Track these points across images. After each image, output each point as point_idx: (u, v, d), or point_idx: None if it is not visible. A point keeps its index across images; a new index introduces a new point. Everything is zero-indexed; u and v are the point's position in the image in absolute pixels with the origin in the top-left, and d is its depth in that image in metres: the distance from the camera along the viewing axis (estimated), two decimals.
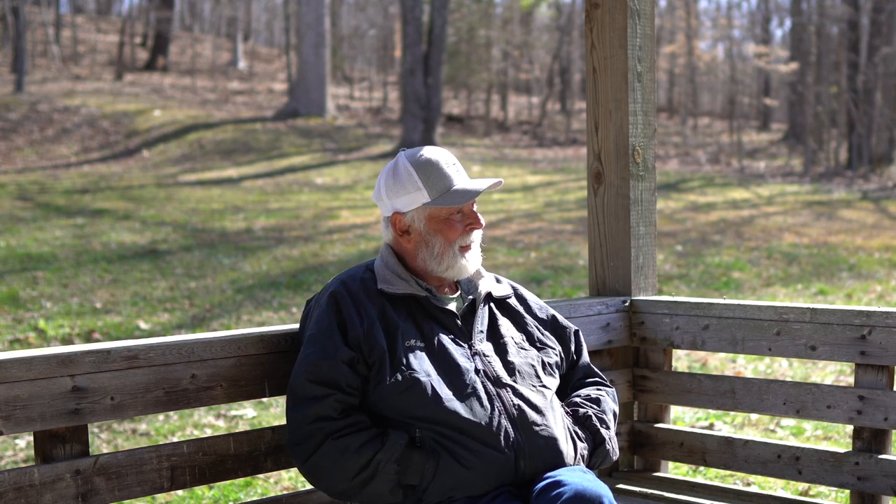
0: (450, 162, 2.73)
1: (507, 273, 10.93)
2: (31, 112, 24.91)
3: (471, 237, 2.73)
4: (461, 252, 2.71)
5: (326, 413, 2.53)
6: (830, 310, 3.22)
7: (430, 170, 2.69)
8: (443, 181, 2.69)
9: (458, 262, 2.70)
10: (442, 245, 2.70)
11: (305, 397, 2.55)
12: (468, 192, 2.68)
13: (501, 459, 2.52)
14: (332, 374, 2.55)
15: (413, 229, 2.72)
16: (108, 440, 5.75)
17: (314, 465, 2.53)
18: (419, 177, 2.68)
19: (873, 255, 12.68)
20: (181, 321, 8.95)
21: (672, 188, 18.94)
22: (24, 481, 2.41)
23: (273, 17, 47.78)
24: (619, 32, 3.59)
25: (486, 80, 30.49)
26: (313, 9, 24.70)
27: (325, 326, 2.62)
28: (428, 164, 2.70)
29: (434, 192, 2.68)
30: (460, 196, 2.68)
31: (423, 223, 2.70)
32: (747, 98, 32.77)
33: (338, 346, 2.58)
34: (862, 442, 3.17)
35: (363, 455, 2.49)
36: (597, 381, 2.91)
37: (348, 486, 2.51)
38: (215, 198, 16.84)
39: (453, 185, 2.70)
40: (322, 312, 2.65)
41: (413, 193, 2.68)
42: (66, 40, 36.74)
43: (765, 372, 7.17)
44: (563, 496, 2.37)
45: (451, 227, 2.70)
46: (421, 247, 2.71)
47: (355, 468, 2.49)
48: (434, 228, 2.70)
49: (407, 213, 2.71)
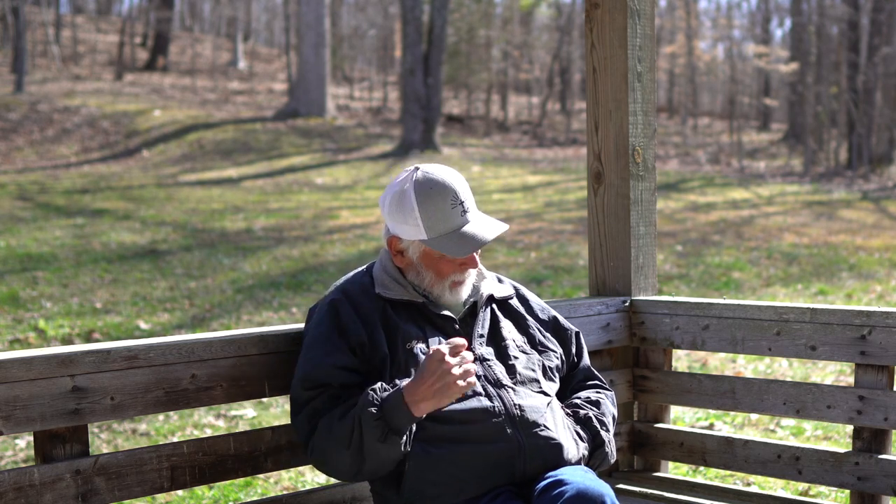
0: (458, 201, 2.63)
1: (508, 273, 10.93)
2: (31, 112, 24.91)
3: (464, 274, 2.69)
4: (452, 287, 2.68)
5: (320, 406, 2.56)
6: (830, 310, 3.21)
7: (433, 209, 2.61)
8: (443, 223, 2.62)
9: (446, 294, 2.68)
10: (432, 279, 2.67)
11: (303, 402, 2.58)
12: (463, 247, 2.61)
13: (502, 459, 2.52)
14: (324, 378, 2.56)
15: (407, 255, 2.70)
16: (108, 440, 5.75)
17: (317, 450, 2.54)
18: (420, 214, 2.61)
19: (873, 255, 12.68)
20: (181, 321, 8.95)
21: (672, 188, 18.94)
22: (24, 481, 2.41)
23: (273, 17, 47.78)
24: (619, 32, 3.59)
25: (486, 80, 30.49)
26: (313, 9, 24.70)
27: (320, 333, 2.62)
28: (431, 201, 2.61)
29: (432, 233, 2.62)
30: (455, 248, 2.61)
31: (416, 255, 2.68)
32: (747, 98, 32.77)
33: (333, 352, 2.58)
34: (862, 442, 3.17)
35: (347, 418, 2.47)
36: (597, 384, 2.91)
37: (347, 455, 2.47)
38: (215, 198, 16.84)
39: (452, 229, 2.63)
40: (319, 319, 2.66)
41: (412, 227, 2.63)
42: (66, 40, 36.74)
43: (765, 372, 7.17)
44: (565, 495, 2.37)
45: (444, 266, 2.66)
46: (411, 271, 2.70)
47: (346, 433, 2.46)
48: (427, 264, 2.67)
49: (403, 241, 2.68)
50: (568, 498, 2.36)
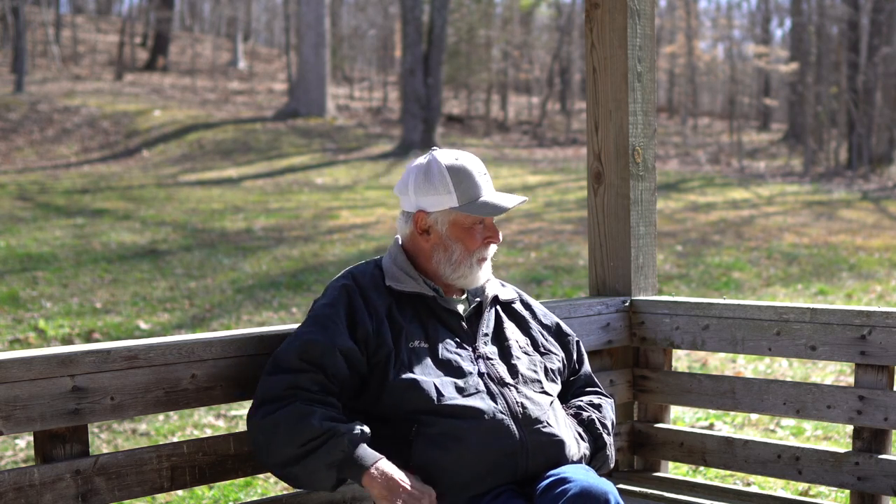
0: (481, 171, 2.73)
1: (507, 273, 10.93)
2: (31, 112, 24.91)
3: (488, 250, 2.74)
4: (478, 263, 2.72)
5: (305, 385, 2.50)
6: (830, 310, 3.21)
7: (463, 176, 2.69)
8: (473, 189, 2.69)
9: (472, 272, 2.71)
10: (461, 253, 2.70)
11: (289, 368, 2.52)
12: (497, 206, 2.69)
13: (504, 457, 2.52)
14: (323, 358, 2.53)
15: (434, 230, 2.71)
16: (108, 440, 5.75)
17: (271, 424, 2.47)
18: (451, 180, 2.68)
19: (873, 255, 12.68)
20: (181, 321, 8.95)
21: (672, 188, 18.94)
22: (24, 481, 2.41)
23: (273, 17, 47.77)
24: (619, 32, 3.59)
25: (486, 80, 30.50)
26: (313, 9, 24.71)
27: (331, 312, 2.60)
28: (462, 169, 2.70)
29: (464, 199, 2.67)
30: (489, 208, 2.68)
31: (445, 227, 2.70)
32: (747, 98, 32.77)
33: (338, 333, 2.56)
34: (862, 442, 3.17)
35: (324, 426, 2.43)
36: (597, 390, 2.94)
37: (293, 452, 2.44)
38: (215, 198, 16.85)
39: (481, 196, 2.70)
40: (332, 299, 2.63)
41: (442, 195, 2.68)
42: (66, 40, 36.74)
43: (765, 372, 7.17)
44: (568, 492, 2.37)
45: (471, 237, 2.70)
46: (438, 249, 2.71)
47: (310, 435, 2.43)
48: (455, 235, 2.70)
49: (432, 213, 2.70)
50: (571, 496, 2.36)
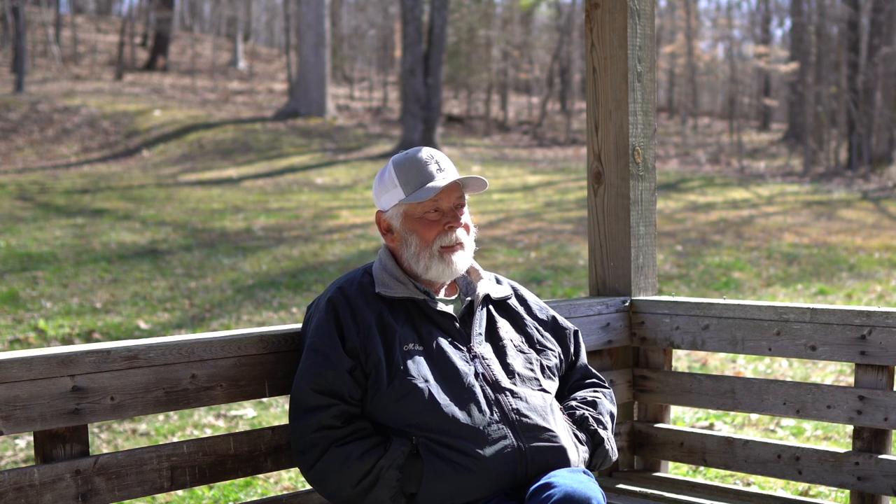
0: (433, 160, 2.67)
1: (507, 273, 10.92)
2: (31, 112, 24.91)
3: (452, 237, 2.66)
4: (441, 253, 2.65)
5: (330, 423, 2.53)
6: (830, 310, 3.21)
7: (409, 167, 2.66)
8: (418, 178, 2.64)
9: (435, 263, 2.65)
10: (418, 245, 2.66)
11: (309, 407, 2.56)
12: (436, 187, 2.62)
13: (504, 465, 2.51)
14: (336, 384, 2.55)
15: (393, 228, 2.70)
16: (108, 440, 5.75)
17: (319, 473, 2.54)
18: (397, 174, 2.66)
19: (873, 255, 12.68)
20: (181, 321, 8.95)
21: (672, 188, 18.94)
22: (24, 481, 2.41)
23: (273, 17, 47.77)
24: (619, 32, 3.59)
25: (486, 80, 30.49)
26: (313, 9, 24.70)
27: (325, 334, 2.61)
28: (408, 162, 2.67)
29: (408, 189, 2.65)
30: (430, 191, 2.61)
31: (399, 221, 2.68)
32: (747, 98, 32.77)
33: (340, 356, 2.57)
34: (862, 442, 3.17)
35: (366, 462, 2.48)
36: (594, 382, 2.90)
37: (351, 492, 2.50)
38: (215, 198, 16.84)
39: (429, 182, 2.64)
40: (321, 320, 2.64)
41: (391, 191, 2.67)
42: (66, 40, 36.74)
43: (765, 372, 7.17)
44: (552, 498, 2.36)
45: (426, 227, 2.65)
46: (401, 246, 2.69)
47: (358, 475, 2.48)
48: (409, 227, 2.67)
49: (387, 210, 2.70)
50: (555, 500, 2.34)
